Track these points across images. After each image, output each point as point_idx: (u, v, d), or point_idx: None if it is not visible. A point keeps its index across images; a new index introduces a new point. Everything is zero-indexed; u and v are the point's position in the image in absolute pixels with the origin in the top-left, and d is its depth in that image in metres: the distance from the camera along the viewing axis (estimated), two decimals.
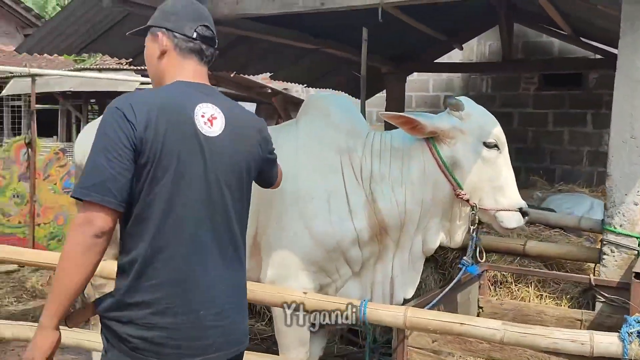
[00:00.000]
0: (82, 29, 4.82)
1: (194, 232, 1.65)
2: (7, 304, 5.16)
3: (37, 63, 11.92)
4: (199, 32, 1.76)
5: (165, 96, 1.68)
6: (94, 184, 1.54)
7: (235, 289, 1.76)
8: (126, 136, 1.56)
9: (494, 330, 2.11)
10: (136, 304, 1.61)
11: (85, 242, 1.54)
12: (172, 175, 1.61)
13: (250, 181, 1.83)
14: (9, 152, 6.44)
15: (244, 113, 1.86)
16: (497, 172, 2.67)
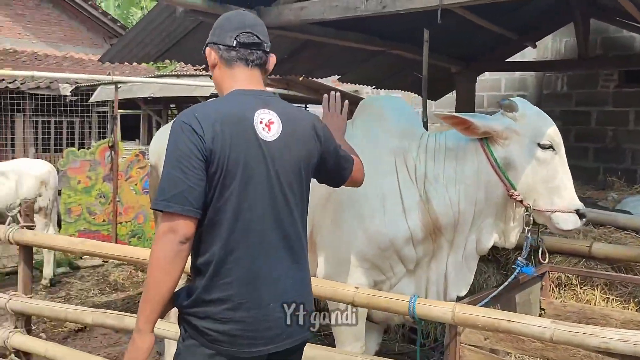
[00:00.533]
0: (157, 38, 5.12)
1: (261, 232, 1.76)
2: (92, 296, 5.54)
3: (121, 71, 12.66)
4: (239, 39, 1.83)
5: (227, 107, 1.79)
6: (174, 195, 1.66)
7: (301, 282, 1.87)
8: (197, 149, 1.67)
9: (543, 328, 2.09)
10: (212, 300, 1.74)
11: (172, 249, 1.66)
12: (238, 181, 1.72)
13: (309, 180, 1.91)
14: (94, 155, 6.89)
15: (299, 114, 1.95)
16: (553, 173, 2.64)
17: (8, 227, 3.19)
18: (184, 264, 1.70)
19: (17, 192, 5.51)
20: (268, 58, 1.91)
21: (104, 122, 12.82)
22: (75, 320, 3.12)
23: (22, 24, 14.99)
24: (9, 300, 3.19)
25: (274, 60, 1.94)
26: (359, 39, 5.67)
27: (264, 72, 1.91)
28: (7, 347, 3.17)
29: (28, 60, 13.51)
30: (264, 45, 1.88)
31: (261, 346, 1.77)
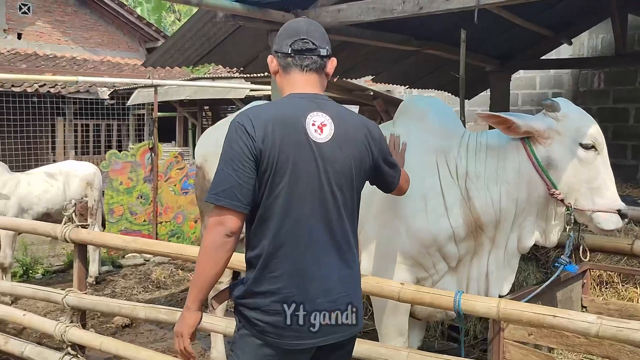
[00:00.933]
0: (197, 43, 5.27)
1: (309, 229, 1.85)
2: (136, 293, 5.71)
3: (157, 74, 12.94)
4: (293, 46, 1.93)
5: (280, 109, 1.89)
6: (223, 190, 1.79)
7: (348, 279, 1.93)
8: (248, 148, 1.79)
9: (589, 323, 2.11)
10: (261, 292, 1.85)
11: (219, 240, 1.80)
12: (288, 180, 1.81)
13: (360, 182, 1.98)
14: (135, 157, 7.09)
15: (352, 117, 2.01)
16: (595, 173, 2.64)
17: (64, 226, 3.35)
18: (229, 255, 1.83)
19: (65, 193, 5.72)
20: (326, 62, 1.98)
21: (140, 124, 13.14)
22: (129, 315, 3.26)
23: (61, 30, 15.43)
24: (65, 296, 3.34)
25: (334, 63, 2.01)
26: (394, 39, 5.72)
27: (322, 75, 1.99)
28: (64, 340, 3.33)
29: (67, 65, 13.91)
30: (319, 50, 1.94)
31: (306, 339, 1.85)
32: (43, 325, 3.53)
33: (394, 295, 2.49)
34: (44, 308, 5.13)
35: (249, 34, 5.30)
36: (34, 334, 4.52)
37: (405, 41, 5.90)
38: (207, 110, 13.53)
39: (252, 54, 5.89)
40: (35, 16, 15.02)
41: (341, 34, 5.16)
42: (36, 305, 5.19)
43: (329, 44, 2.00)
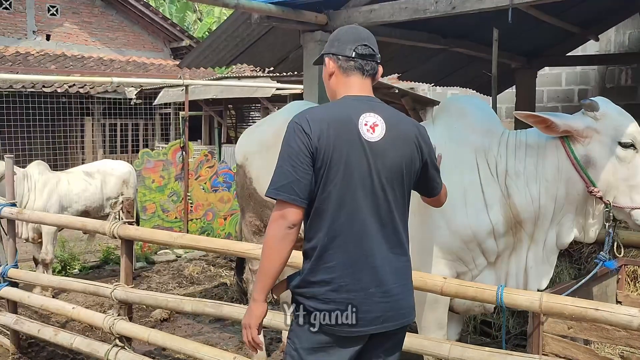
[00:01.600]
0: (231, 44, 5.39)
1: (362, 222, 1.95)
2: (171, 289, 5.86)
3: (182, 74, 13.12)
4: (357, 51, 2.03)
5: (335, 110, 2.01)
6: (283, 185, 1.90)
7: (400, 271, 2.03)
8: (305, 146, 1.90)
9: (632, 317, 2.17)
10: (317, 282, 1.96)
11: (281, 232, 1.91)
12: (341, 176, 1.92)
13: (410, 180, 2.07)
14: (167, 155, 7.25)
15: (404, 119, 2.11)
16: (633, 171, 2.69)
17: (112, 222, 3.48)
18: (291, 246, 1.94)
19: (102, 191, 5.89)
20: (377, 69, 2.10)
21: (166, 123, 13.34)
22: (175, 308, 3.38)
23: (88, 30, 15.71)
24: (113, 290, 3.48)
25: (382, 70, 2.13)
26: (423, 38, 5.78)
27: (374, 81, 2.11)
28: (113, 332, 3.46)
29: (95, 66, 14.17)
30: (377, 56, 2.08)
31: (360, 327, 1.95)
32: (92, 318, 3.68)
33: (437, 289, 2.57)
34: (83, 302, 5.29)
35: (280, 35, 5.41)
36: (77, 327, 4.70)
37: (433, 39, 5.96)
38: (231, 109, 13.70)
39: (283, 54, 6.01)
40: (63, 17, 15.31)
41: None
42: (76, 300, 5.36)
43: None
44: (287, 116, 3.53)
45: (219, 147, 12.88)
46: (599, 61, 8.35)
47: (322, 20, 4.71)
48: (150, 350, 4.05)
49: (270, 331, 4.31)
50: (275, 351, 4.15)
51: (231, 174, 7.67)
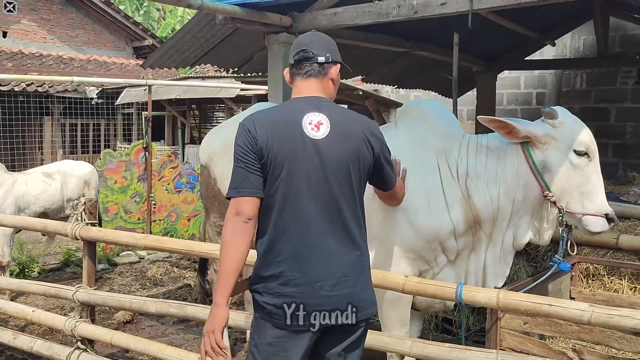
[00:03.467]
0: (195, 44, 5.38)
1: (307, 217, 2.02)
2: (134, 291, 5.80)
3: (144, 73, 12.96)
4: (295, 57, 2.17)
5: (281, 112, 2.16)
6: (241, 183, 2.02)
7: (352, 264, 2.08)
8: (251, 146, 2.02)
9: (582, 311, 2.28)
10: (267, 276, 2.03)
11: (238, 227, 2.00)
12: (285, 173, 2.02)
13: (360, 175, 2.12)
14: (129, 156, 7.16)
15: (350, 116, 2.20)
16: (586, 179, 2.82)
17: (74, 224, 3.44)
18: (248, 241, 2.01)
19: (62, 192, 5.78)
20: (326, 68, 2.17)
21: (128, 123, 13.14)
22: (139, 310, 3.36)
23: (47, 28, 15.36)
24: (75, 292, 3.44)
25: (335, 68, 2.20)
26: (386, 41, 5.87)
27: (324, 80, 2.18)
28: (74, 335, 3.43)
29: (54, 64, 13.86)
30: (317, 58, 2.15)
31: (310, 320, 2.00)
32: (53, 321, 3.63)
33: (398, 287, 2.64)
34: (43, 305, 5.19)
35: (244, 36, 5.42)
36: (36, 331, 4.61)
37: (396, 43, 6.06)
38: (195, 109, 13.60)
39: (247, 56, 6.01)
40: (21, 14, 14.93)
41: (334, 36, 5.28)
42: (35, 303, 5.25)
43: (333, 52, 2.19)
44: None
45: (182, 147, 12.77)
46: (556, 65, 8.61)
47: (286, 22, 4.75)
48: (113, 353, 4.01)
49: (235, 331, 4.31)
50: (240, 351, 4.16)
51: (195, 175, 7.62)
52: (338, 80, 2.25)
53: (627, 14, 7.21)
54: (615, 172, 8.25)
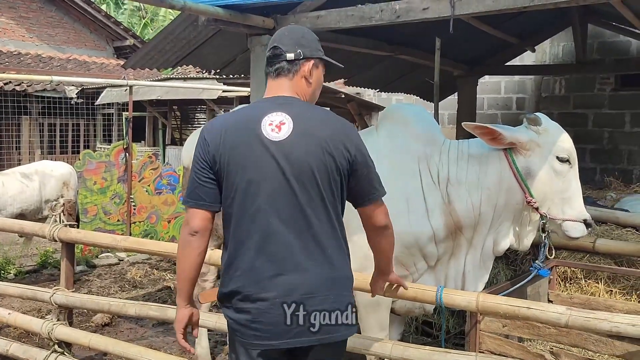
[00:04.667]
0: (177, 46, 5.34)
1: (265, 226, 1.85)
2: (113, 293, 5.74)
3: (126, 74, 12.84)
4: (267, 54, 2.04)
5: (238, 115, 2.00)
6: (189, 193, 1.94)
7: (320, 280, 1.86)
8: (204, 153, 1.92)
9: (559, 314, 2.31)
10: (228, 293, 1.91)
11: (184, 239, 1.94)
12: (240, 179, 1.87)
13: (330, 181, 1.89)
14: (109, 157, 7.09)
15: (322, 117, 1.97)
16: (567, 185, 2.87)
17: (52, 225, 3.40)
18: (196, 252, 1.93)
19: (41, 193, 5.71)
20: (297, 66, 1.99)
21: (109, 124, 13.00)
22: (119, 312, 3.33)
23: (26, 26, 15.14)
24: (53, 294, 3.40)
25: (308, 65, 2.00)
26: (369, 44, 5.90)
27: (295, 78, 2.00)
28: (52, 338, 3.38)
29: (32, 63, 13.67)
30: (285, 55, 1.98)
31: (266, 340, 1.84)
32: (29, 323, 3.57)
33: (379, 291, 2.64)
34: (19, 308, 5.11)
35: (227, 38, 5.40)
36: (12, 334, 4.54)
37: (378, 46, 6.08)
38: (176, 111, 13.50)
39: (229, 57, 5.99)
40: None
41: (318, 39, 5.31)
42: (11, 305, 5.17)
43: (307, 47, 2.01)
44: None
45: (163, 148, 12.67)
46: (535, 71, 8.72)
47: (269, 25, 4.74)
48: (91, 356, 3.97)
49: (215, 334, 4.29)
50: (220, 354, 4.14)
51: (176, 177, 7.57)
52: (315, 77, 2.03)
53: (604, 22, 7.34)
54: (593, 177, 8.39)
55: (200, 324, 3.08)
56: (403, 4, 4.18)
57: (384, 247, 2.16)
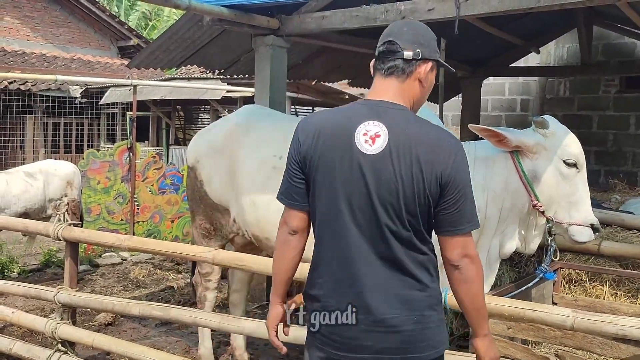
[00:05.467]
0: (182, 45, 5.35)
1: (347, 244, 1.77)
2: (116, 292, 5.74)
3: (130, 73, 12.87)
4: (379, 49, 1.85)
5: (334, 117, 1.84)
6: (282, 192, 1.90)
7: (401, 300, 1.78)
8: (296, 153, 1.84)
9: (565, 317, 2.30)
10: (311, 296, 1.88)
11: (282, 238, 1.91)
12: (326, 191, 1.78)
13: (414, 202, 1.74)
14: (113, 156, 7.09)
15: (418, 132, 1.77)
16: (574, 189, 2.85)
17: (56, 224, 3.40)
18: (295, 252, 1.91)
19: (44, 192, 5.72)
20: (413, 66, 1.82)
21: (112, 123, 13.03)
22: (122, 312, 3.33)
23: (30, 25, 15.18)
24: (56, 293, 3.40)
25: (425, 67, 1.84)
26: (373, 45, 5.86)
27: (406, 81, 1.83)
28: (55, 337, 3.38)
29: (37, 62, 13.70)
30: (402, 53, 1.80)
31: (346, 352, 1.79)
32: (33, 322, 3.57)
33: None
34: (22, 307, 5.12)
35: (231, 38, 5.41)
36: (15, 333, 4.54)
37: None
38: (180, 111, 13.52)
39: (234, 57, 6.00)
40: (3, 11, 14.74)
41: (321, 39, 5.31)
42: (14, 304, 5.17)
43: (426, 46, 1.84)
44: (239, 120, 3.58)
45: (166, 148, 12.69)
46: (540, 73, 8.70)
47: (274, 25, 4.74)
48: (94, 356, 3.97)
49: (218, 334, 4.29)
50: (223, 355, 4.13)
51: (179, 176, 7.56)
52: (429, 81, 1.88)
53: (610, 24, 7.33)
54: (597, 179, 8.36)
55: (204, 324, 3.10)
56: (408, 5, 4.18)
57: (460, 295, 1.88)
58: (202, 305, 3.66)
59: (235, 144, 3.41)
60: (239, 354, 3.85)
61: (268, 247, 3.33)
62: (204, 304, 3.67)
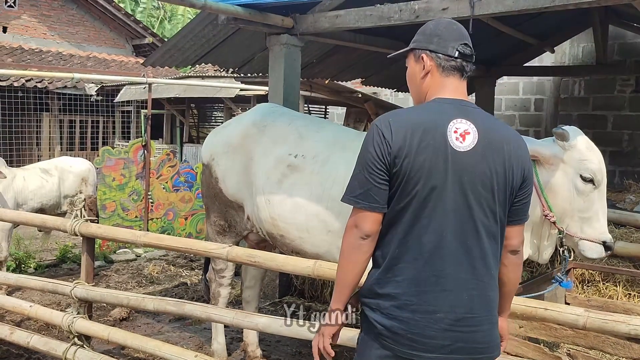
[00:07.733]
0: (197, 44, 5.39)
1: (437, 240, 1.77)
2: (130, 288, 5.80)
3: (144, 71, 12.96)
4: (460, 50, 1.85)
5: (423, 115, 1.83)
6: (361, 193, 1.80)
7: (482, 299, 1.82)
8: (382, 153, 1.77)
9: (577, 316, 2.29)
10: (383, 294, 1.82)
11: (354, 242, 1.82)
12: (420, 188, 1.76)
13: (505, 198, 1.83)
14: (128, 154, 7.17)
15: (501, 128, 1.88)
16: (589, 205, 2.80)
17: (73, 220, 3.45)
18: (365, 257, 1.84)
19: (60, 188, 5.79)
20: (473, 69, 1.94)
21: (127, 121, 13.14)
22: (137, 307, 3.37)
23: (47, 24, 15.35)
24: (73, 288, 3.45)
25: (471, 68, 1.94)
26: (385, 44, 5.90)
27: (466, 81, 1.93)
28: (72, 331, 3.43)
29: (54, 60, 13.85)
30: (474, 57, 1.91)
31: (421, 352, 1.78)
32: (50, 316, 3.63)
33: None
34: (38, 301, 5.20)
35: (246, 37, 5.45)
36: (32, 326, 4.61)
37: (396, 46, 6.08)
38: (194, 109, 13.60)
39: (248, 56, 6.04)
40: (21, 10, 14.92)
41: (334, 38, 5.34)
42: (31, 298, 5.26)
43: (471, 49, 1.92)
44: (254, 118, 3.61)
45: (180, 146, 12.77)
46: (554, 72, 8.66)
47: (288, 24, 4.77)
48: (110, 349, 4.02)
49: (231, 330, 4.33)
50: (236, 350, 4.18)
51: (193, 174, 7.63)
52: None
53: (625, 23, 7.27)
54: (612, 179, 8.31)
55: (217, 319, 3.13)
56: (422, 4, 4.19)
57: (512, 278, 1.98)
58: (215, 301, 3.70)
59: (251, 142, 3.45)
60: (251, 349, 3.89)
61: (282, 245, 3.36)
62: (217, 299, 3.71)
